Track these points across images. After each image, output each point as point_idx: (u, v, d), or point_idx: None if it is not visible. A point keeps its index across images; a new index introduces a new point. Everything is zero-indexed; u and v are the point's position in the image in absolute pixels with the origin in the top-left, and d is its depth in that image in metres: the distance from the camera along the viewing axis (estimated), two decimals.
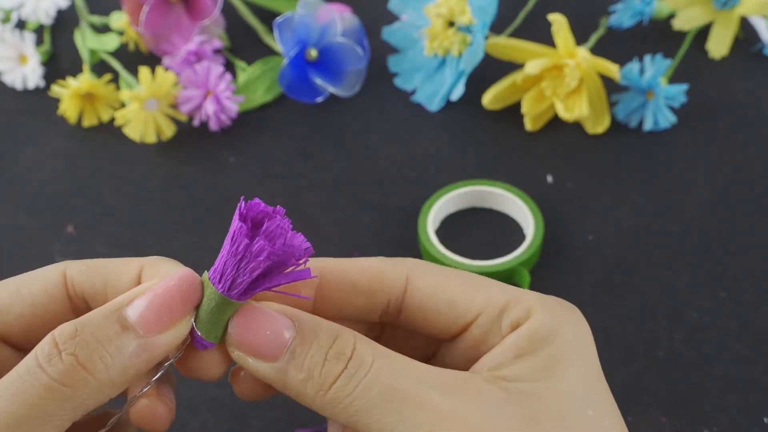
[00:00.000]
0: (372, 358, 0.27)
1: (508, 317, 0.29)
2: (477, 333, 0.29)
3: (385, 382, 0.26)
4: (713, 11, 0.59)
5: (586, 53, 0.53)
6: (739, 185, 0.52)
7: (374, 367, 0.26)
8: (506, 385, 0.27)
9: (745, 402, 0.42)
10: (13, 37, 0.59)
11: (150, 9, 0.57)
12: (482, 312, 0.29)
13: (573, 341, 0.28)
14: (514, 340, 0.28)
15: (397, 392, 0.26)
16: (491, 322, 0.29)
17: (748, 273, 0.47)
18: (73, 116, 0.56)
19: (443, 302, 0.29)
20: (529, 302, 0.29)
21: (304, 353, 0.27)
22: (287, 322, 0.27)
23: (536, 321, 0.28)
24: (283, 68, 0.56)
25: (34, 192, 0.54)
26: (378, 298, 0.30)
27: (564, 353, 0.28)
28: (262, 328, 0.27)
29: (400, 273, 0.30)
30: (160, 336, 0.26)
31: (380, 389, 0.26)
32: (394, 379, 0.26)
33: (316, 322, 0.27)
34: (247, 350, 0.27)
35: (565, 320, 0.29)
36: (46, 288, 0.29)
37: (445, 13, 0.55)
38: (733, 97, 0.57)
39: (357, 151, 0.55)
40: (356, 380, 0.26)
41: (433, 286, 0.29)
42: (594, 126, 0.55)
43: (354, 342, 0.27)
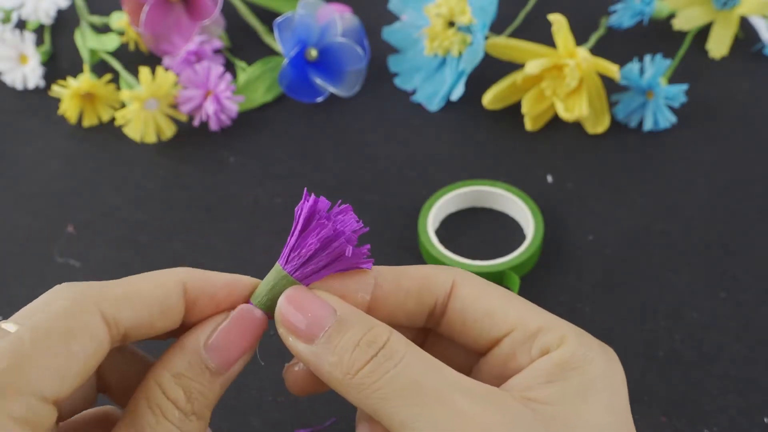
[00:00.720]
0: (404, 352, 0.28)
1: (541, 340, 0.29)
2: (508, 349, 0.30)
3: (413, 376, 0.27)
4: (713, 11, 0.59)
5: (586, 53, 0.53)
6: (739, 185, 0.52)
7: (404, 360, 0.27)
8: (534, 405, 0.27)
9: (745, 402, 0.42)
10: (13, 37, 0.59)
11: (150, 9, 0.57)
12: (515, 328, 0.30)
13: (604, 375, 0.29)
14: (546, 364, 0.29)
15: (423, 388, 0.27)
16: (523, 341, 0.30)
17: (748, 273, 0.47)
18: (73, 116, 0.56)
19: (482, 311, 0.30)
20: (563, 330, 0.30)
21: (339, 338, 0.28)
22: (329, 308, 0.29)
23: (569, 349, 0.29)
24: (283, 68, 0.56)
25: (34, 192, 0.54)
26: (426, 300, 0.31)
27: (594, 384, 0.28)
28: (305, 309, 0.29)
29: (447, 279, 0.31)
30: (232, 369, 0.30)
31: (407, 381, 0.27)
32: (423, 376, 0.27)
33: (356, 313, 0.29)
34: (288, 328, 0.29)
35: (598, 354, 0.29)
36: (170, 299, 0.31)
37: (445, 13, 0.55)
38: (733, 97, 0.58)
39: (357, 151, 0.55)
40: (384, 368, 0.27)
41: (476, 295, 0.31)
42: (594, 126, 0.55)
43: (389, 335, 0.28)
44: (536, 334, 0.30)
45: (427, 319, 0.32)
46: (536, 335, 0.30)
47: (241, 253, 0.50)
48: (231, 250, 0.50)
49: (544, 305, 0.46)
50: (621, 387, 0.29)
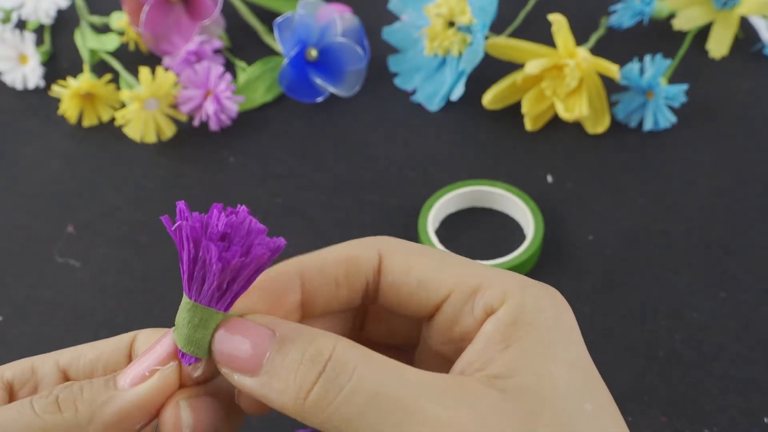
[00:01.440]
0: (354, 361, 0.25)
1: (482, 298, 0.28)
2: (450, 313, 0.28)
3: (372, 389, 0.25)
4: (713, 11, 0.59)
5: (586, 53, 0.53)
6: (739, 185, 0.52)
7: (357, 371, 0.25)
8: (500, 383, 0.26)
9: (745, 402, 0.42)
10: (13, 37, 0.59)
11: (150, 9, 0.57)
12: (453, 291, 0.28)
13: (557, 323, 0.27)
14: (496, 327, 0.27)
15: (386, 399, 0.24)
16: (462, 303, 0.28)
17: (748, 273, 0.47)
18: (73, 116, 0.56)
19: (414, 281, 0.29)
20: (503, 284, 0.28)
21: (281, 361, 0.25)
22: (266, 332, 0.26)
23: (514, 304, 0.27)
24: (283, 68, 0.56)
25: (34, 192, 0.54)
26: (356, 283, 0.29)
27: (551, 338, 0.27)
28: (241, 341, 0.26)
29: (373, 254, 0.29)
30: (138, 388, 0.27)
31: (367, 396, 0.24)
32: (382, 386, 0.25)
33: (295, 328, 0.26)
34: (230, 366, 0.26)
35: (545, 301, 0.28)
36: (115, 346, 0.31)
37: (445, 13, 0.55)
38: (733, 97, 0.57)
39: (357, 151, 0.55)
40: (339, 385, 0.25)
41: (405, 265, 0.29)
42: (594, 126, 0.55)
43: (334, 344, 0.25)
44: (475, 292, 0.28)
45: (362, 299, 0.30)
46: (475, 294, 0.28)
47: None
48: None
49: None
50: (576, 334, 0.28)
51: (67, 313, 0.47)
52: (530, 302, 0.27)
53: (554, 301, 0.28)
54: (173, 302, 0.47)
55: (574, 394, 0.26)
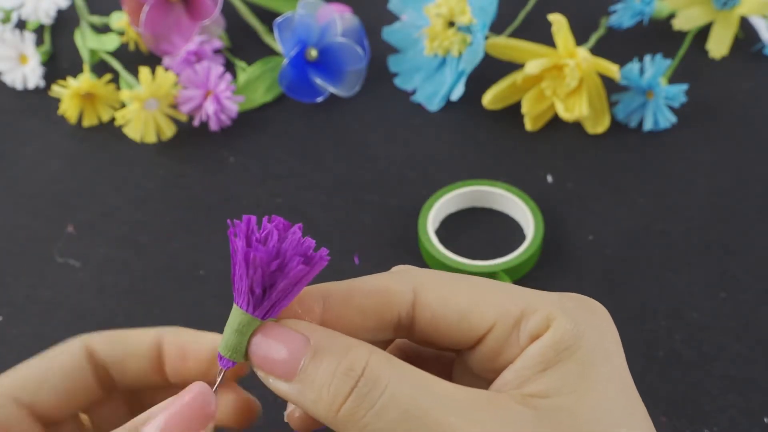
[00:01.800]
0: (388, 376, 0.25)
1: (526, 327, 0.27)
2: (494, 345, 0.28)
3: (404, 404, 0.25)
4: (713, 11, 0.59)
5: (586, 53, 0.53)
6: (739, 185, 0.52)
7: (390, 386, 0.25)
8: (536, 402, 0.26)
9: (745, 402, 0.42)
10: (13, 37, 0.59)
11: (150, 9, 0.57)
12: (496, 323, 0.28)
13: (599, 345, 0.27)
14: (538, 350, 0.27)
15: (417, 416, 0.24)
16: (507, 333, 0.28)
17: (748, 273, 0.47)
18: (73, 116, 0.56)
19: (454, 315, 0.28)
20: (547, 309, 0.27)
21: (315, 371, 0.25)
22: (302, 339, 0.26)
23: (558, 329, 0.27)
24: (283, 68, 0.56)
25: (34, 192, 0.54)
26: (387, 317, 0.28)
27: (592, 360, 0.27)
28: (277, 347, 0.26)
29: (407, 288, 0.28)
30: None
31: (399, 412, 0.24)
32: (414, 400, 0.25)
33: (331, 336, 0.26)
34: (265, 370, 0.26)
35: (588, 323, 0.27)
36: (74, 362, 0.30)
37: (445, 13, 0.55)
38: (733, 97, 0.57)
39: (357, 151, 0.55)
40: (370, 400, 0.25)
41: (443, 298, 0.28)
42: (594, 126, 0.55)
43: (367, 358, 0.25)
44: (519, 321, 0.27)
45: (394, 332, 0.29)
46: (520, 323, 0.27)
47: None
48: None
49: None
50: (617, 353, 0.28)
51: (67, 313, 0.47)
52: (574, 326, 0.27)
53: (598, 322, 0.28)
54: (173, 302, 0.47)
55: (611, 418, 0.26)
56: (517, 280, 0.47)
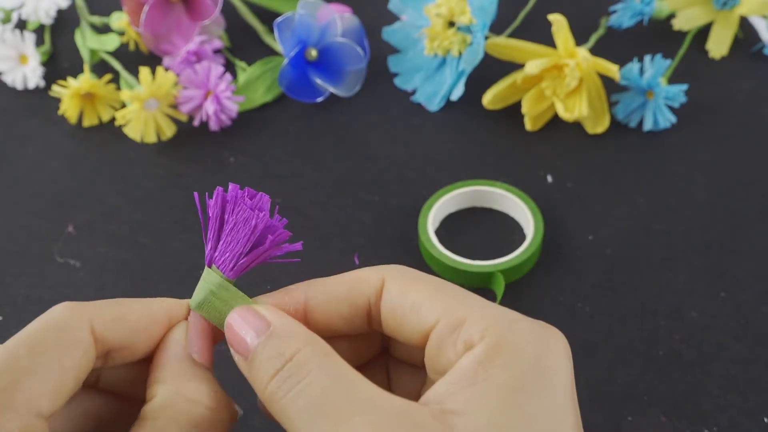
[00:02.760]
0: (313, 366, 0.26)
1: (465, 332, 0.27)
2: (435, 343, 0.28)
3: (316, 394, 0.26)
4: (713, 11, 0.59)
5: (586, 53, 0.53)
6: (739, 185, 0.52)
7: (311, 375, 0.26)
8: (452, 420, 0.25)
9: (745, 402, 0.42)
10: (13, 37, 0.59)
11: (150, 9, 0.57)
12: (439, 320, 0.28)
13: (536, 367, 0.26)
14: (467, 364, 0.26)
15: (324, 408, 0.25)
16: (447, 334, 0.28)
17: (748, 273, 0.47)
18: (73, 116, 0.56)
19: (409, 304, 0.29)
20: (487, 320, 0.27)
21: (261, 352, 0.28)
22: (265, 324, 0.28)
23: (491, 343, 0.26)
24: (283, 68, 0.56)
25: (34, 192, 0.54)
26: (358, 302, 0.30)
27: (523, 382, 0.25)
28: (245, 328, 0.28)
29: (377, 277, 0.30)
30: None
31: (310, 400, 0.26)
32: (326, 394, 0.26)
33: (287, 326, 0.28)
34: (233, 346, 0.29)
35: (529, 343, 0.26)
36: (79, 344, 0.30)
37: (445, 13, 0.55)
38: (733, 97, 0.58)
39: (357, 151, 0.55)
40: (290, 384, 0.26)
41: (404, 289, 0.29)
42: (594, 126, 0.55)
43: (301, 346, 0.27)
44: (461, 324, 0.27)
45: (367, 323, 0.31)
46: (460, 327, 0.27)
47: None
48: None
49: (544, 305, 0.46)
50: (558, 378, 0.26)
51: None
52: (510, 342, 0.26)
53: (542, 343, 0.27)
54: None
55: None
56: (518, 280, 0.47)
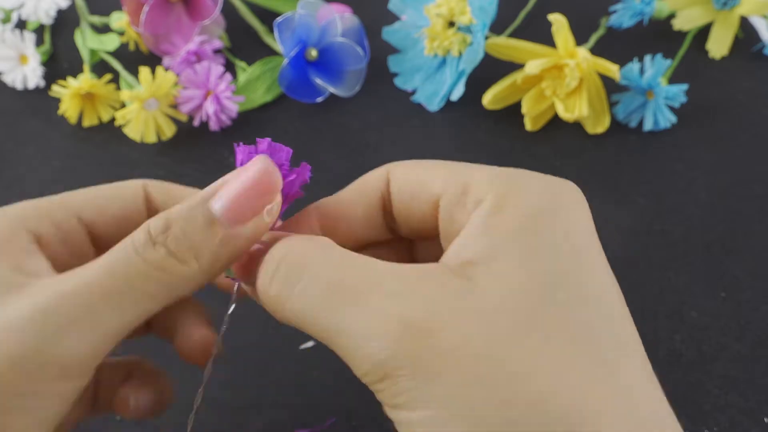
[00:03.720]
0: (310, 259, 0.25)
1: (472, 193, 0.27)
2: (445, 212, 0.27)
3: (325, 280, 0.25)
4: (713, 11, 0.59)
5: (586, 53, 0.53)
6: (739, 185, 0.52)
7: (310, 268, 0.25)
8: (471, 270, 0.24)
9: (745, 402, 0.42)
10: (13, 37, 0.59)
11: (150, 9, 0.57)
12: (446, 188, 0.27)
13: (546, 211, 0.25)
14: (479, 216, 0.26)
15: (338, 288, 0.25)
16: (456, 199, 0.27)
17: (748, 273, 0.48)
18: (73, 116, 0.56)
19: (415, 183, 0.29)
20: (492, 176, 0.27)
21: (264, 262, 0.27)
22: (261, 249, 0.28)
23: (499, 193, 0.26)
24: (283, 68, 0.56)
25: (34, 192, 0.54)
26: (371, 200, 0.30)
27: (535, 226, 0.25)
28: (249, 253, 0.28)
29: (382, 171, 0.30)
30: (243, 227, 0.27)
31: (321, 288, 0.25)
32: (335, 276, 0.25)
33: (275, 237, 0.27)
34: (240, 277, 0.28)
35: (539, 188, 0.26)
36: (134, 197, 0.31)
37: (445, 14, 0.55)
38: (733, 97, 0.58)
39: (357, 151, 0.55)
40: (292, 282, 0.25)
41: (406, 171, 0.29)
42: (594, 126, 0.55)
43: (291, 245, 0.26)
44: (467, 187, 0.27)
45: (384, 222, 0.30)
46: (467, 189, 0.27)
47: None
48: None
49: None
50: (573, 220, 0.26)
51: None
52: (517, 189, 0.26)
53: (553, 189, 0.26)
54: None
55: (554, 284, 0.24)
56: None
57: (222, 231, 0.26)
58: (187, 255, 0.26)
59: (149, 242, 0.26)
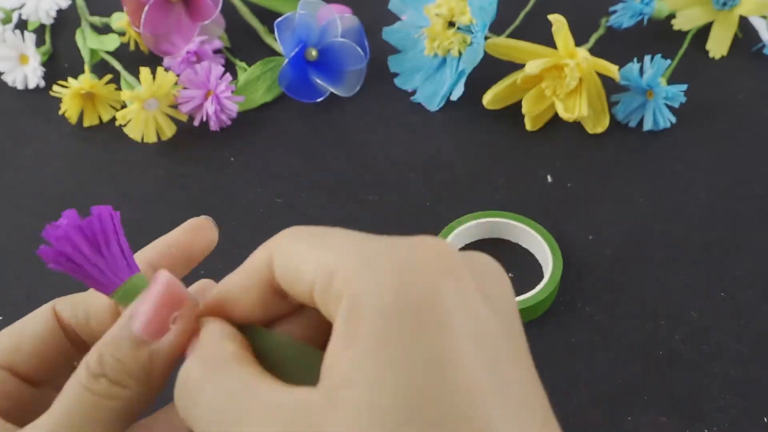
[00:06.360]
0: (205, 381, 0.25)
1: (335, 286, 0.23)
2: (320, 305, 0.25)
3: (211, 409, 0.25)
4: (713, 11, 0.59)
5: (586, 53, 0.53)
6: (739, 185, 0.52)
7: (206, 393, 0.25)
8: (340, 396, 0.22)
9: (745, 402, 0.42)
10: (13, 37, 0.59)
11: (150, 9, 0.57)
12: (315, 279, 0.24)
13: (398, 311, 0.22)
14: (339, 322, 0.23)
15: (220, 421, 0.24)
16: (324, 292, 0.24)
17: (748, 273, 0.47)
18: (73, 116, 0.56)
19: (292, 272, 0.26)
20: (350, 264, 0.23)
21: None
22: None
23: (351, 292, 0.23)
24: (283, 68, 0.56)
25: (34, 192, 0.54)
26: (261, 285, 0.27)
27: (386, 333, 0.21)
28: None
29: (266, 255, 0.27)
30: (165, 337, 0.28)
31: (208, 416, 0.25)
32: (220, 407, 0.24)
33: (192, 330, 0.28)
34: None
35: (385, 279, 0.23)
36: (45, 326, 0.32)
37: (445, 14, 0.55)
38: (733, 97, 0.58)
39: (357, 151, 0.55)
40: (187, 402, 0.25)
41: (286, 257, 0.26)
42: (594, 126, 0.55)
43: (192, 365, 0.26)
44: (334, 276, 0.23)
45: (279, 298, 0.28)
46: (333, 278, 0.23)
47: (241, 252, 0.49)
48: (231, 250, 0.50)
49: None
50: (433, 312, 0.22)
51: None
52: (367, 286, 0.22)
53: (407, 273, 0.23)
54: None
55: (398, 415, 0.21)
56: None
57: (147, 348, 0.27)
58: (125, 379, 0.27)
59: (90, 377, 0.27)
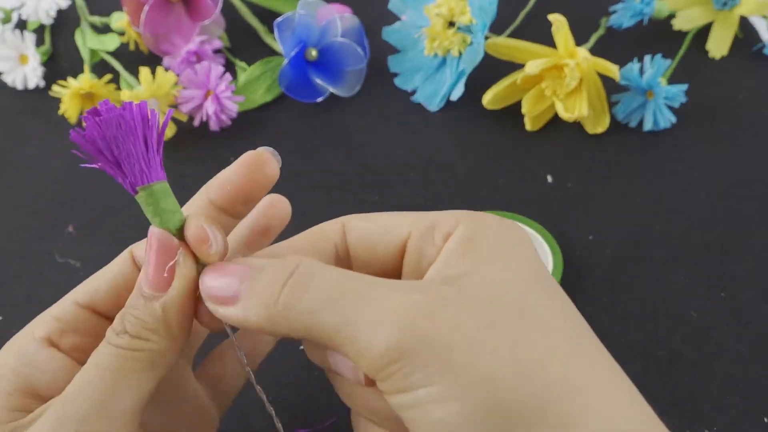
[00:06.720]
0: (317, 270, 0.28)
1: (439, 229, 0.30)
2: (414, 250, 0.31)
3: (332, 284, 0.28)
4: (713, 11, 0.59)
5: (586, 53, 0.53)
6: (739, 185, 0.52)
7: (319, 274, 0.28)
8: (456, 281, 0.28)
9: (745, 402, 0.42)
10: (13, 37, 0.59)
11: (150, 9, 0.57)
12: (412, 231, 0.31)
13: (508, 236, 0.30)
14: (452, 244, 0.29)
15: (345, 290, 0.27)
16: (424, 238, 0.30)
17: (748, 273, 0.47)
18: (73, 116, 0.56)
19: (378, 229, 0.31)
20: (456, 215, 0.30)
21: (255, 283, 0.29)
22: (244, 269, 0.29)
23: (469, 225, 0.30)
24: (283, 68, 0.56)
25: (34, 192, 0.54)
26: (324, 248, 0.32)
27: (502, 246, 0.29)
28: (223, 279, 0.30)
29: (338, 223, 0.32)
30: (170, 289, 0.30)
31: (329, 289, 0.27)
32: (341, 281, 0.28)
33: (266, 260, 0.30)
34: (214, 302, 0.30)
35: (495, 222, 0.30)
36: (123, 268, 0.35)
37: (445, 13, 0.55)
38: (733, 97, 0.58)
39: (357, 151, 0.55)
40: (302, 287, 0.28)
41: (366, 222, 0.32)
42: (594, 126, 0.55)
43: (299, 261, 0.29)
44: (433, 227, 0.30)
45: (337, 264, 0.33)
46: (433, 228, 0.30)
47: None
48: None
49: None
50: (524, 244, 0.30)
51: None
52: (481, 222, 0.30)
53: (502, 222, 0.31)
54: None
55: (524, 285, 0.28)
56: None
57: (158, 301, 0.30)
58: (145, 332, 0.30)
59: (114, 334, 0.30)
